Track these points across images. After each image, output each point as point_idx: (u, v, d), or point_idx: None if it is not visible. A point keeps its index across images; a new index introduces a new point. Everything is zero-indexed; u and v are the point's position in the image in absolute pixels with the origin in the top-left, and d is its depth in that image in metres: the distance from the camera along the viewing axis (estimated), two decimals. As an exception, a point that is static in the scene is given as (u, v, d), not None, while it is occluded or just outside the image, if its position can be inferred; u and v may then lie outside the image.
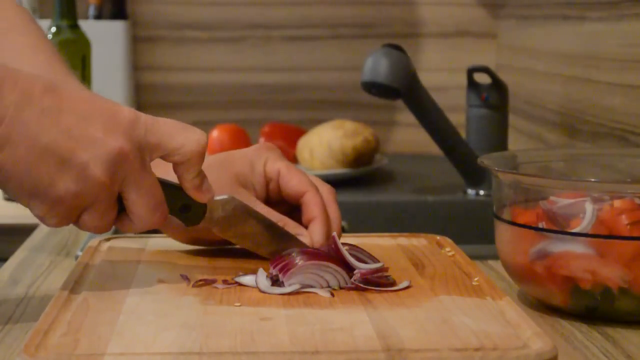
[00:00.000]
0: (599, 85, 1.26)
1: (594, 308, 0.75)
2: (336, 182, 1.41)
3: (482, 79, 1.39)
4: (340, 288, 0.75)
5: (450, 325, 0.66)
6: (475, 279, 0.77)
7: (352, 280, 0.75)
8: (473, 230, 1.30)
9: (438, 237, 0.91)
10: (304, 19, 1.80)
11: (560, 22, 1.42)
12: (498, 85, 1.38)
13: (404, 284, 0.76)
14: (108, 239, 0.88)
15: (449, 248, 0.87)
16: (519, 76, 1.62)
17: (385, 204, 1.33)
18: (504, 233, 0.80)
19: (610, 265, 0.73)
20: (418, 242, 0.90)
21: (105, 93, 1.74)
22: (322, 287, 0.74)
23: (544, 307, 0.79)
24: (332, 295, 0.73)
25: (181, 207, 0.75)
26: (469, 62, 1.55)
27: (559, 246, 0.75)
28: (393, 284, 0.76)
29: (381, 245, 0.88)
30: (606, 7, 1.24)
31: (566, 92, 1.40)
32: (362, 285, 0.75)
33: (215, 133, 1.50)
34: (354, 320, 0.67)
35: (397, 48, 1.26)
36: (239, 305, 0.70)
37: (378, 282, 0.75)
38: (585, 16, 1.32)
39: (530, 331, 0.64)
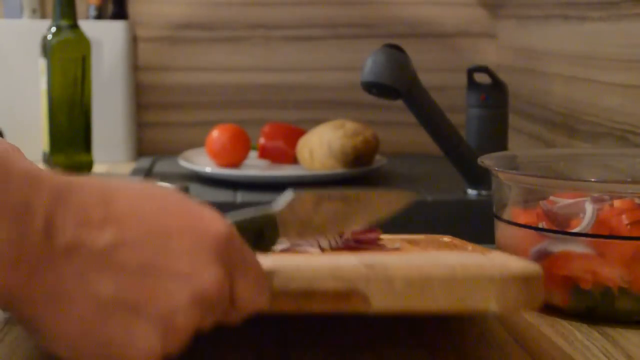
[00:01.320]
0: (599, 85, 1.26)
1: (594, 308, 0.75)
2: (336, 182, 1.42)
3: (482, 79, 1.39)
4: (331, 249, 0.74)
5: (440, 258, 0.66)
6: (470, 247, 0.77)
7: (343, 239, 0.74)
8: (473, 230, 1.30)
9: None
10: (304, 19, 1.80)
11: (560, 22, 1.42)
12: (498, 85, 1.38)
13: (395, 245, 0.75)
14: None
15: (448, 238, 0.87)
16: (519, 76, 1.62)
17: (385, 204, 1.33)
18: (504, 233, 0.80)
19: (610, 265, 0.73)
20: (418, 237, 0.90)
21: (105, 93, 1.74)
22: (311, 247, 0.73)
23: (544, 307, 0.79)
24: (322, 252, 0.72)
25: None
26: (469, 62, 1.55)
27: (559, 246, 0.75)
28: (384, 248, 0.75)
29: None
30: (606, 7, 1.24)
31: (566, 92, 1.39)
32: (353, 244, 0.74)
33: (215, 133, 1.50)
34: (340, 259, 0.67)
35: (397, 48, 1.26)
36: None
37: (369, 243, 0.74)
38: (585, 16, 1.32)
39: (515, 261, 0.64)
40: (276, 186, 1.40)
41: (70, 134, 1.52)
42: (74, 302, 0.50)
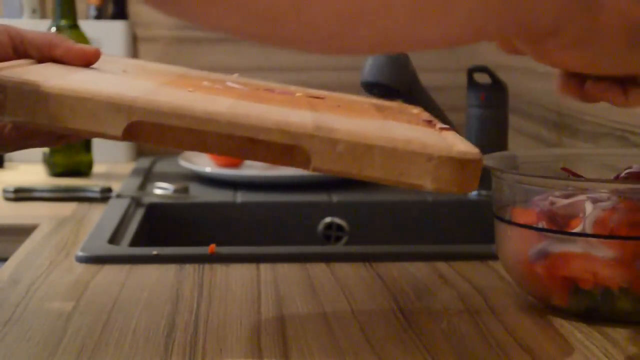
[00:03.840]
0: (599, 85, 1.26)
1: (594, 308, 0.75)
2: (337, 182, 1.42)
3: (482, 78, 1.39)
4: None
5: (390, 130, 0.67)
6: (431, 123, 0.78)
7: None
8: (473, 230, 1.30)
9: (410, 106, 0.93)
10: (304, 19, 1.80)
11: (560, 22, 1.42)
12: (498, 85, 1.38)
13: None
14: None
15: (417, 110, 0.89)
16: (519, 76, 1.62)
17: (385, 204, 1.33)
18: (504, 233, 0.80)
19: (610, 265, 0.73)
20: (389, 103, 0.92)
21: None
22: None
23: (544, 307, 0.79)
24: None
25: None
26: (469, 62, 1.54)
27: (559, 246, 0.75)
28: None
29: (351, 97, 0.91)
30: (606, 7, 1.24)
31: (566, 92, 1.39)
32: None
33: (215, 133, 1.50)
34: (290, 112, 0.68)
35: (397, 48, 1.26)
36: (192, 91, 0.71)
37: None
38: (585, 16, 1.31)
39: (463, 144, 0.64)
40: (276, 186, 1.40)
41: (70, 134, 1.52)
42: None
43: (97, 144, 1.60)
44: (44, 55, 0.78)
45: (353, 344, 0.70)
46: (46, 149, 1.52)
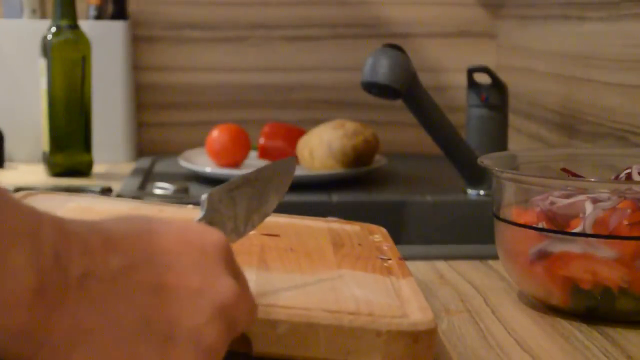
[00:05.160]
0: (599, 85, 1.26)
1: (594, 308, 0.75)
2: (336, 182, 1.42)
3: (482, 79, 1.39)
4: None
5: (337, 292, 0.62)
6: (389, 261, 0.74)
7: None
8: (473, 230, 1.30)
9: (372, 226, 0.88)
10: (304, 19, 1.80)
11: (560, 22, 1.42)
12: (498, 85, 1.38)
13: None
14: None
15: (379, 235, 0.85)
16: (519, 76, 1.62)
17: (386, 204, 1.33)
18: (504, 233, 0.80)
19: (610, 265, 0.73)
20: (351, 228, 0.86)
21: (105, 93, 1.74)
22: None
23: (544, 307, 0.79)
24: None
25: None
26: (469, 62, 1.54)
27: (559, 246, 0.75)
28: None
29: (311, 226, 0.85)
30: (606, 7, 1.24)
31: (566, 92, 1.39)
32: None
33: (215, 133, 1.50)
34: None
35: (397, 48, 1.26)
36: None
37: None
38: (585, 16, 1.32)
39: (417, 305, 0.62)
40: (276, 186, 1.40)
41: (70, 134, 1.52)
42: (100, 337, 0.46)
43: (97, 144, 1.60)
44: None
45: (353, 344, 0.70)
46: (46, 148, 1.52)
